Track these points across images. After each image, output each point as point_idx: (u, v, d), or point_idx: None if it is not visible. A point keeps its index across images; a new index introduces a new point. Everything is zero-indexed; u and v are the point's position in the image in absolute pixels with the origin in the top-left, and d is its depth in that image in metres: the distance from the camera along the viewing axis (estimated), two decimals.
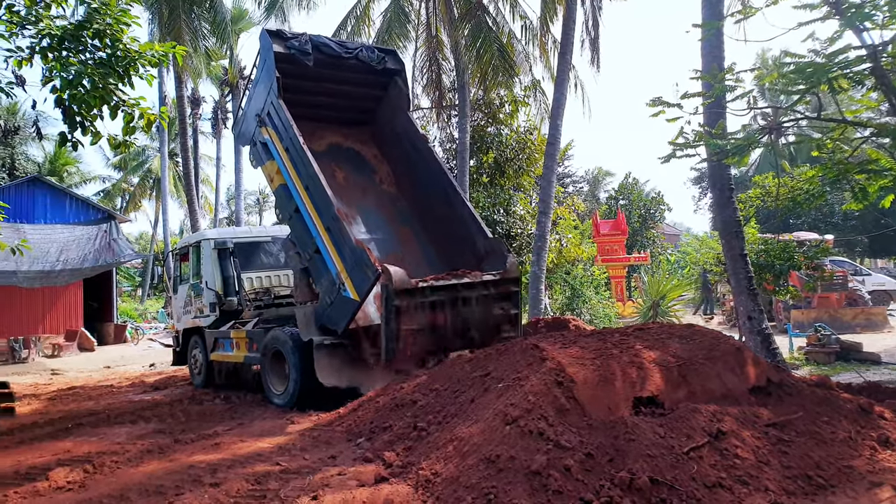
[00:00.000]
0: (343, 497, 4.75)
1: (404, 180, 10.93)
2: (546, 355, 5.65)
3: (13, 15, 7.86)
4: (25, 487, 5.41)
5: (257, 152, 10.12)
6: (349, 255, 8.21)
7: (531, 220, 17.37)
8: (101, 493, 5.11)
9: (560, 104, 15.14)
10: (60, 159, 45.20)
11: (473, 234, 9.64)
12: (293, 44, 9.78)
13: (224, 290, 11.30)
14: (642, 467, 4.36)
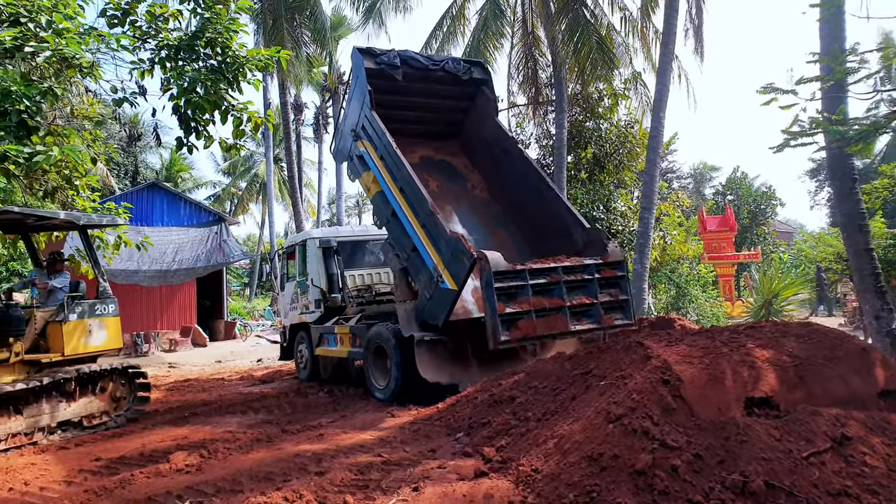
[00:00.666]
0: (443, 489, 4.76)
1: (496, 185, 10.97)
2: (651, 353, 5.45)
3: (136, 30, 8.42)
4: (149, 468, 5.77)
5: (354, 166, 10.45)
6: (445, 247, 8.27)
7: (633, 216, 16.87)
8: (216, 477, 5.35)
9: (662, 96, 14.63)
10: (175, 166, 48.11)
11: (570, 227, 9.47)
12: (382, 59, 10.13)
13: (328, 287, 11.67)
14: (756, 470, 4.11)
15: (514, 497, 4.53)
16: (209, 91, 8.13)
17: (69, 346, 8.17)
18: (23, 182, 10.12)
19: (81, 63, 6.70)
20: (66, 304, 8.30)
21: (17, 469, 5.98)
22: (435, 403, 7.80)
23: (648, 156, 14.71)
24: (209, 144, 8.97)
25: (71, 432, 7.86)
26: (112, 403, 8.49)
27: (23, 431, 7.39)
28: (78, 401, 8.05)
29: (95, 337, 8.51)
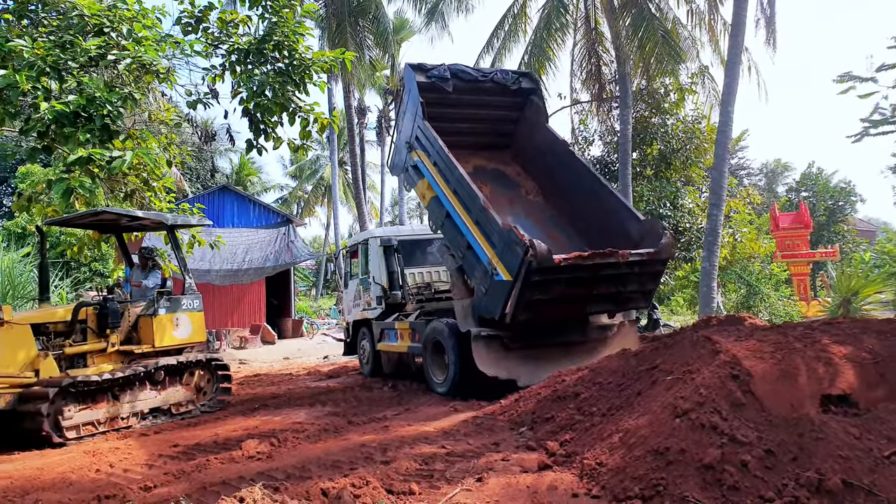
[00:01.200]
0: (507, 480, 4.78)
1: (550, 189, 11.08)
2: (719, 348, 5.32)
3: (209, 36, 8.76)
4: (223, 455, 6.00)
5: (409, 176, 10.80)
6: (498, 239, 8.45)
7: (701, 213, 16.43)
8: (286, 464, 5.52)
9: (731, 89, 14.21)
10: (245, 170, 49.57)
11: (625, 222, 9.53)
12: (433, 73, 10.52)
13: (389, 285, 11.90)
14: (833, 468, 3.97)
15: (578, 489, 4.52)
16: (277, 93, 8.37)
17: (159, 339, 8.68)
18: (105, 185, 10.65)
19: (158, 69, 7.03)
20: (156, 299, 8.81)
21: (103, 453, 6.32)
22: (496, 398, 7.83)
23: (717, 151, 14.32)
24: (278, 146, 9.23)
25: (160, 418, 8.39)
26: (197, 393, 9.00)
27: (120, 416, 7.93)
28: (167, 389, 8.58)
29: (182, 330, 9.03)
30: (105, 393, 7.80)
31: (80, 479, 5.24)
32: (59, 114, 5.67)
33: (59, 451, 6.69)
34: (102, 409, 7.72)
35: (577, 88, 19.04)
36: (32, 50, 5.81)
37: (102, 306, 8.38)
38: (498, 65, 18.44)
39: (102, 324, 8.38)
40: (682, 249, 16.23)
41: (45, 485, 5.11)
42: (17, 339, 7.45)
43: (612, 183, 17.61)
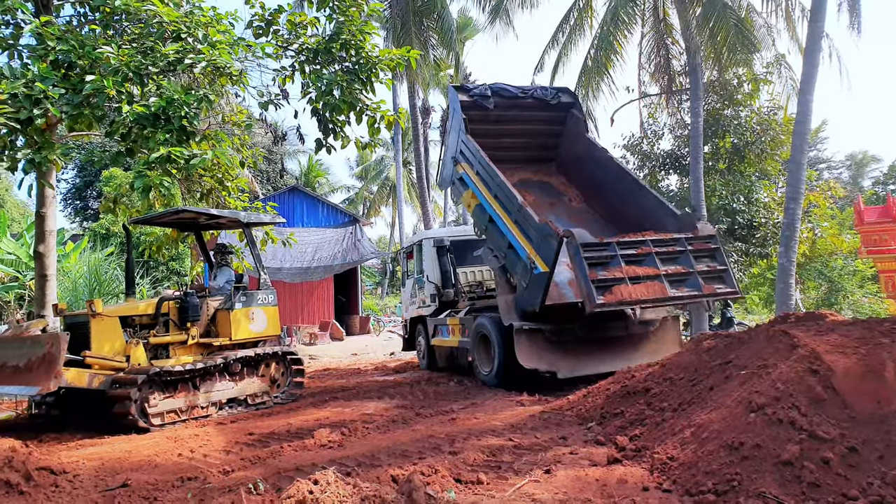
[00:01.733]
0: (576, 473, 4.74)
1: (592, 195, 11.49)
2: (797, 342, 5.13)
3: (278, 38, 9.00)
4: (296, 443, 6.18)
5: (456, 189, 11.47)
6: (535, 234, 8.82)
7: (777, 208, 15.83)
8: (356, 452, 5.64)
9: (810, 77, 13.64)
10: (312, 172, 50.68)
11: (663, 219, 9.75)
12: (475, 92, 11.32)
13: (442, 283, 12.48)
14: None
15: (648, 483, 4.43)
16: (345, 92, 8.53)
17: (235, 332, 9.06)
18: (182, 185, 11.10)
19: (232, 72, 7.29)
20: (233, 294, 9.25)
21: (184, 439, 6.60)
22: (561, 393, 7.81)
23: (794, 142, 13.77)
24: (346, 144, 9.40)
25: (237, 408, 8.78)
26: (271, 384, 9.36)
27: (199, 405, 8.35)
28: (243, 381, 8.98)
29: (257, 324, 9.38)
30: (186, 383, 8.23)
31: (165, 462, 5.49)
32: (140, 116, 5.96)
33: (144, 436, 7.02)
34: (183, 397, 8.15)
35: (645, 81, 18.67)
36: (118, 57, 6.13)
37: (183, 301, 8.87)
38: (564, 60, 18.28)
39: (183, 317, 8.86)
40: (757, 245, 15.69)
41: (133, 466, 5.38)
42: (108, 330, 8.03)
43: (684, 177, 17.19)
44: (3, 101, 5.57)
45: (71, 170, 37.31)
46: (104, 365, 7.77)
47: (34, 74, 5.86)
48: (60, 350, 7.06)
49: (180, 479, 4.90)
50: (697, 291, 8.75)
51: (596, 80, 17.65)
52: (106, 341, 7.97)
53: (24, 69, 6.19)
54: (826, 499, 3.72)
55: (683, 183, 17.43)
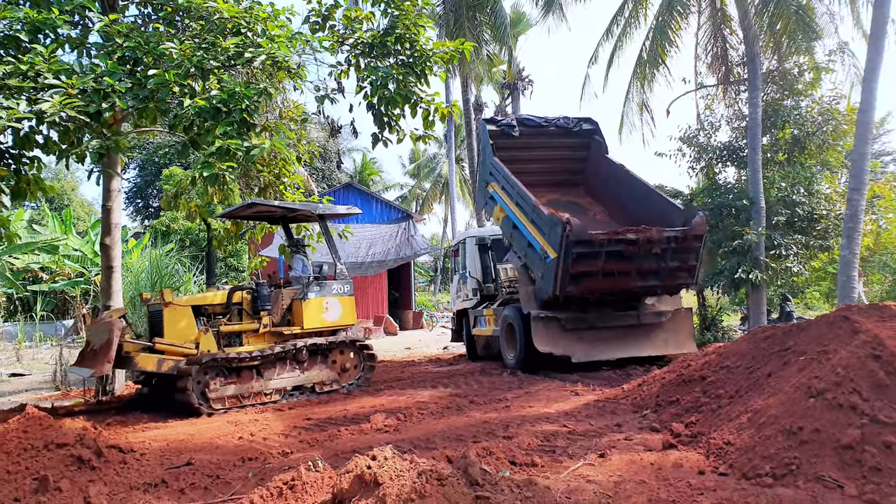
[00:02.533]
0: (630, 458, 4.77)
1: (614, 207, 12.26)
2: (859, 328, 5.03)
3: (335, 34, 9.20)
4: (353, 427, 6.36)
5: (489, 207, 12.51)
6: (545, 226, 9.80)
7: (839, 200, 15.31)
8: (412, 436, 5.78)
9: (875, 65, 13.15)
10: (367, 170, 51.33)
11: (671, 215, 10.47)
12: (502, 122, 12.69)
13: (483, 278, 13.52)
14: None
15: (704, 467, 4.43)
16: (400, 86, 8.65)
17: (308, 321, 9.30)
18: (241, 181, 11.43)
19: (289, 66, 7.51)
20: (307, 283, 9.51)
21: (244, 423, 6.84)
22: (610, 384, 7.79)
23: (858, 131, 13.31)
24: (402, 138, 9.52)
25: (303, 396, 9.01)
26: (341, 373, 9.58)
27: (264, 391, 8.64)
28: (310, 369, 9.21)
29: (332, 313, 9.59)
30: (250, 370, 8.51)
31: (226, 444, 5.72)
32: (202, 109, 6.21)
33: (206, 420, 7.31)
34: (248, 384, 8.43)
35: (701, 72, 18.30)
36: (180, 52, 6.40)
37: (254, 290, 9.19)
38: (618, 52, 18.09)
39: (255, 306, 9.14)
40: (818, 238, 15.21)
41: (196, 447, 5.62)
42: (180, 318, 8.43)
43: (742, 169, 16.78)
44: (74, 95, 5.86)
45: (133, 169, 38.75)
46: (174, 351, 8.14)
47: (102, 70, 6.17)
48: (114, 336, 7.56)
49: (241, 460, 5.11)
50: (660, 283, 10.14)
51: (651, 72, 17.42)
52: (178, 329, 8.34)
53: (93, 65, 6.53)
54: (888, 482, 3.67)
55: (741, 175, 17.00)
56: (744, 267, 14.22)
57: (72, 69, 6.28)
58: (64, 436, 4.70)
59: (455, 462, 3.55)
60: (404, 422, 6.50)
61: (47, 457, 4.50)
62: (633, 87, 17.61)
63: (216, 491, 4.45)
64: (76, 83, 6.01)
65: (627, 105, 17.78)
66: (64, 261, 23.52)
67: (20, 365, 15.57)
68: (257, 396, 8.52)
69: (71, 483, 4.24)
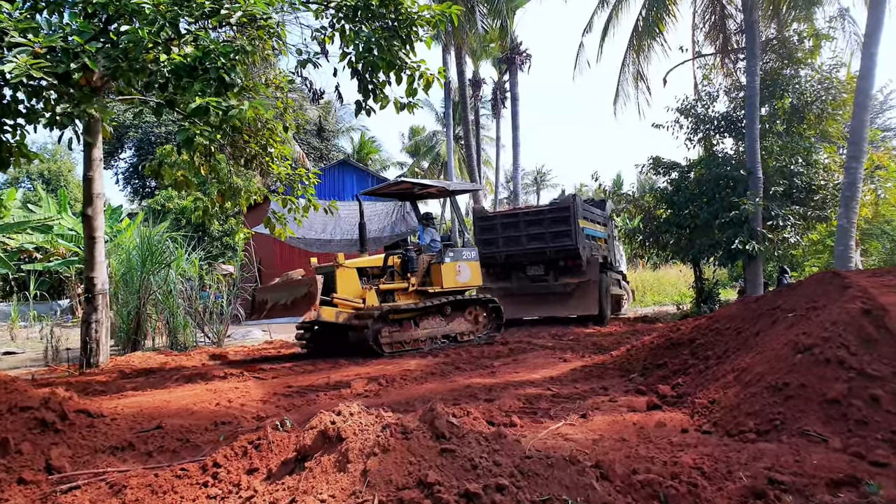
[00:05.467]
0: (613, 418, 4.63)
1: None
2: (849, 283, 4.88)
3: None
4: (332, 392, 6.22)
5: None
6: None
7: (838, 170, 15.08)
8: (391, 400, 5.63)
9: (875, 30, 12.86)
10: (365, 149, 51.03)
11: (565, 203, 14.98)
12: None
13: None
14: None
15: (688, 425, 4.30)
16: (383, 50, 8.42)
17: (446, 281, 11.02)
18: (227, 151, 11.22)
19: (269, 24, 7.26)
20: (443, 250, 11.27)
21: (224, 391, 6.68)
22: None
23: (857, 99, 13.05)
24: (385, 105, 9.31)
25: (449, 344, 10.64)
26: (475, 325, 11.36)
27: (419, 339, 10.29)
28: (453, 321, 10.99)
29: (463, 275, 11.40)
30: (409, 320, 10.25)
31: (201, 410, 5.58)
32: (177, 66, 6.00)
33: (185, 388, 7.14)
34: (408, 332, 10.15)
35: (699, 41, 18.01)
36: (154, 8, 6.16)
37: (404, 255, 10.90)
38: (614, 21, 17.79)
39: (404, 268, 10.82)
40: (815, 209, 15.01)
41: (171, 413, 5.47)
42: (349, 278, 10.03)
43: (740, 140, 16.52)
44: (42, 55, 5.64)
45: (129, 149, 38.47)
46: (346, 305, 9.74)
47: (72, 29, 5.95)
48: (318, 290, 9.17)
49: (214, 424, 4.98)
50: (544, 244, 14.22)
51: (648, 42, 17.14)
52: (347, 287, 9.94)
53: (61, 24, 6.30)
54: (874, 435, 3.52)
55: (739, 146, 16.75)
56: (741, 238, 14.04)
57: (39, 27, 6.04)
58: (28, 399, 4.55)
59: (422, 415, 3.40)
60: (386, 387, 6.37)
61: (10, 420, 4.35)
62: (628, 57, 17.35)
63: (185, 454, 4.31)
64: (43, 41, 5.79)
65: (623, 75, 17.53)
66: (58, 240, 23.38)
67: (14, 344, 15.47)
68: (414, 343, 10.15)
69: (32, 446, 4.10)
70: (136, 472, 3.78)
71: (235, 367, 8.87)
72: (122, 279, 14.63)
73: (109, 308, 16.20)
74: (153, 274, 14.34)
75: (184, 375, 8.04)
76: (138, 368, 9.03)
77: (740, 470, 3.29)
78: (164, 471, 3.74)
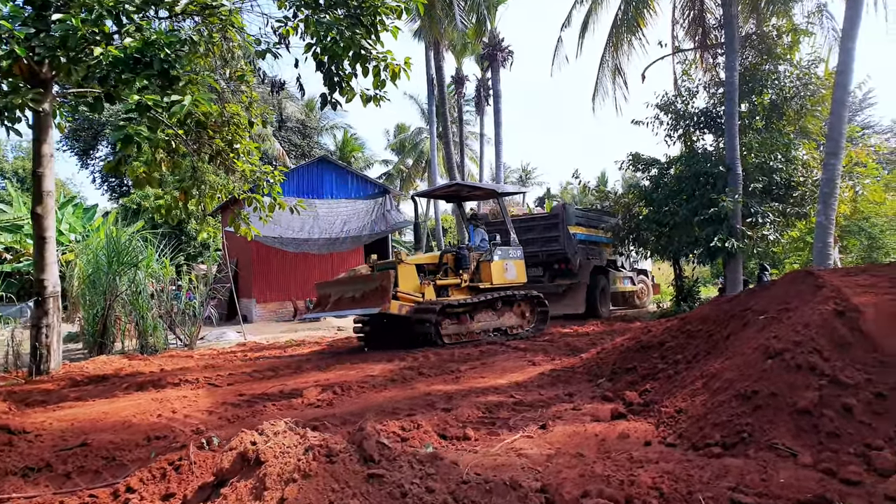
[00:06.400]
0: (574, 429, 4.34)
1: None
2: (822, 283, 4.61)
3: None
4: (283, 402, 5.86)
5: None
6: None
7: (817, 166, 14.89)
8: (344, 411, 5.30)
9: (853, 25, 12.65)
10: (348, 146, 50.53)
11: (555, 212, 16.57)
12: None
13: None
14: None
15: (652, 438, 4.01)
16: (345, 38, 8.08)
17: (495, 278, 11.69)
18: (190, 147, 10.81)
19: (221, 11, 6.88)
20: (492, 249, 11.94)
21: (171, 400, 6.32)
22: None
23: (836, 94, 12.85)
24: (351, 98, 8.97)
25: (500, 337, 11.16)
26: (523, 319, 11.97)
27: (474, 331, 10.88)
28: (503, 315, 11.59)
29: (510, 273, 12.08)
30: (465, 314, 10.82)
31: (140, 423, 5.22)
32: (117, 59, 5.61)
33: (129, 397, 6.76)
34: (464, 325, 10.77)
35: (678, 37, 17.78)
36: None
37: (457, 253, 11.67)
38: (593, 17, 17.55)
39: (457, 265, 11.57)
40: (794, 205, 14.83)
41: (105, 427, 5.11)
42: (409, 273, 10.67)
43: (720, 136, 16.30)
44: None
45: (105, 146, 37.78)
46: (408, 299, 10.35)
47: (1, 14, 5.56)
48: (391, 283, 9.77)
49: (147, 439, 4.63)
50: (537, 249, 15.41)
51: (626, 37, 16.90)
52: (408, 282, 10.56)
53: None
54: (846, 449, 3.24)
55: (719, 142, 16.54)
56: (720, 235, 13.83)
57: None
58: None
59: (350, 435, 3.08)
60: (341, 396, 6.02)
61: None
62: (607, 52, 17.09)
63: (108, 474, 3.96)
64: None
65: (602, 71, 17.28)
66: (26, 240, 22.81)
67: None
68: (470, 335, 10.78)
69: None
70: (42, 498, 3.44)
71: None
72: (90, 280, 14.20)
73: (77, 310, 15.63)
74: (120, 275, 13.91)
75: (137, 382, 7.65)
76: (91, 375, 8.63)
77: (702, 490, 3.01)
78: (72, 498, 3.40)
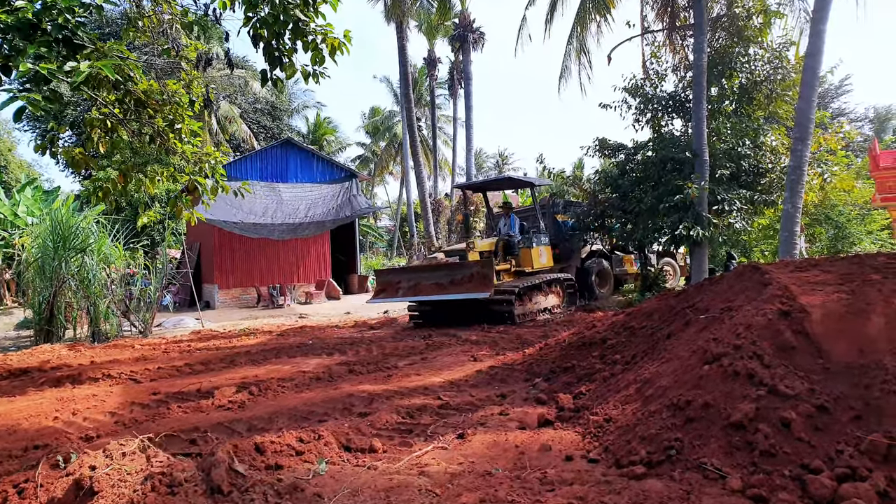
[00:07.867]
0: (495, 438, 3.94)
1: None
2: (769, 279, 4.22)
3: None
4: (191, 404, 5.38)
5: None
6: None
7: (785, 152, 14.58)
8: (254, 415, 4.84)
9: (824, 5, 12.32)
10: (320, 129, 49.65)
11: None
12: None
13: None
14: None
15: (575, 451, 3.61)
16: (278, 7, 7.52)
17: (535, 263, 12.81)
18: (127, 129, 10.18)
19: None
20: (532, 236, 13.03)
21: (77, 399, 5.82)
22: None
23: (805, 78, 12.52)
24: (291, 75, 8.42)
25: (547, 315, 12.08)
26: (559, 299, 12.84)
27: (531, 311, 11.69)
28: (549, 296, 12.48)
29: (544, 257, 13.20)
30: (527, 295, 11.69)
31: (29, 427, 4.74)
32: (7, 24, 5.05)
33: (41, 393, 6.26)
34: (526, 305, 11.61)
35: (648, 18, 17.32)
36: None
37: (507, 241, 12.84)
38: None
39: (506, 252, 12.73)
40: (763, 192, 14.53)
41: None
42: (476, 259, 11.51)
43: (688, 121, 15.93)
44: None
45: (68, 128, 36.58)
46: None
47: None
48: (493, 271, 10.45)
49: (26, 448, 4.15)
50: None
51: (594, 16, 16.43)
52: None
53: None
54: (781, 471, 2.86)
55: (688, 127, 16.17)
56: (685, 223, 13.47)
57: None
58: None
59: (200, 462, 2.63)
60: (256, 397, 5.55)
61: None
62: (574, 33, 16.61)
63: None
64: None
65: (568, 53, 16.78)
66: None
67: None
68: (531, 315, 11.67)
69: None
70: None
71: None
72: (38, 266, 13.60)
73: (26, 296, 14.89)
74: (67, 260, 13.32)
75: (55, 377, 7.13)
76: (13, 368, 8.06)
77: None
78: None
